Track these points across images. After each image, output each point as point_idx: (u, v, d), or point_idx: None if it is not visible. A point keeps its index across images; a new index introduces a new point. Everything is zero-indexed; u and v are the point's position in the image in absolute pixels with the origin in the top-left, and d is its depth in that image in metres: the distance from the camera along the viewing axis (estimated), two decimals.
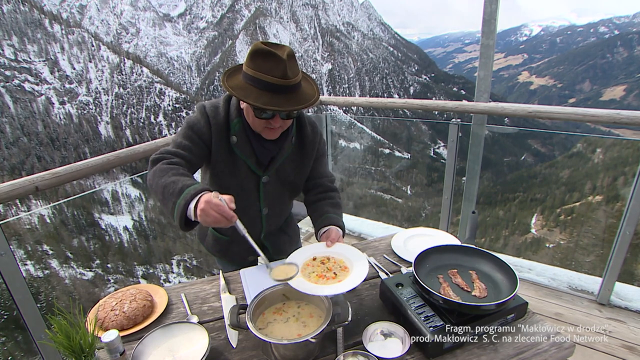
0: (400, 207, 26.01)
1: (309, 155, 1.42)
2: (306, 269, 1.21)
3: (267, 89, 1.13)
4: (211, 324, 1.21)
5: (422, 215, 25.18)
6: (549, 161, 39.00)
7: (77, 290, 27.25)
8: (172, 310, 1.28)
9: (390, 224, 3.42)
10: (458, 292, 1.11)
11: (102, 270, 33.09)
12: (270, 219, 1.49)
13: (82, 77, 76.88)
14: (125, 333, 1.15)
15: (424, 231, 1.66)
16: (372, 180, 27.01)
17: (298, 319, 1.11)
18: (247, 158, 1.32)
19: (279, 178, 1.40)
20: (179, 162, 1.20)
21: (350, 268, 1.19)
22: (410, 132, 31.56)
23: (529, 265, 2.66)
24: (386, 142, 30.43)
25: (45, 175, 1.41)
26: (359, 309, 1.22)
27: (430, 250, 1.24)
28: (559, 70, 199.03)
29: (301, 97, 1.17)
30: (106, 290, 30.04)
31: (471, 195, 2.60)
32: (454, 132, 2.38)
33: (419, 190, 28.99)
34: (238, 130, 1.29)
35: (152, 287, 1.36)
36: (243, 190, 1.37)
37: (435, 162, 29.62)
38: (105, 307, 1.22)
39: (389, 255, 1.51)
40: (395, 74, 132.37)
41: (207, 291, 1.37)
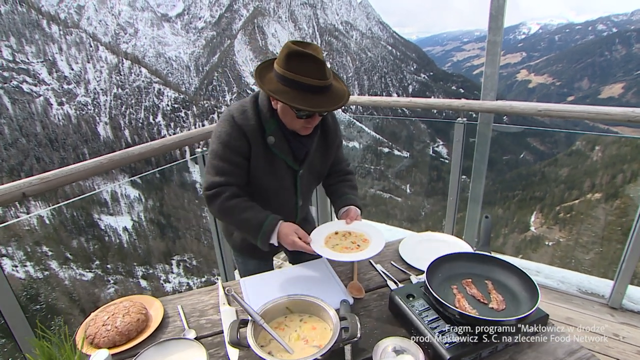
0: (400, 205, 25.96)
1: (332, 144, 1.46)
2: (329, 241, 1.31)
3: (307, 90, 1.15)
4: (210, 339, 1.13)
5: (421, 213, 25.13)
6: (548, 159, 38.97)
7: (77, 292, 27.14)
8: (168, 323, 1.20)
9: (393, 226, 3.34)
10: (474, 304, 1.03)
11: (101, 271, 32.99)
12: (302, 209, 1.54)
13: (80, 78, 76.64)
14: (118, 350, 1.08)
15: (432, 236, 1.58)
16: (371, 179, 26.97)
17: (300, 335, 1.03)
18: (285, 155, 1.34)
19: (310, 169, 1.44)
20: (236, 194, 1.31)
21: (369, 240, 1.30)
22: (410, 131, 31.49)
23: (536, 267, 2.59)
24: (385, 141, 30.37)
25: (33, 180, 1.33)
26: (367, 321, 1.15)
27: (441, 259, 1.16)
28: (558, 68, 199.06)
29: (336, 95, 1.20)
30: (106, 291, 29.95)
31: (477, 196, 2.53)
32: (460, 131, 2.31)
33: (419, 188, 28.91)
34: (274, 130, 1.30)
35: (146, 299, 1.28)
36: (281, 187, 1.41)
37: (435, 161, 29.57)
38: (96, 321, 1.15)
39: (397, 262, 1.44)
40: (394, 73, 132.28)
41: (205, 302, 1.29)
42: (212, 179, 1.30)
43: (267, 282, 1.37)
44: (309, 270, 1.40)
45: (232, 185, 1.31)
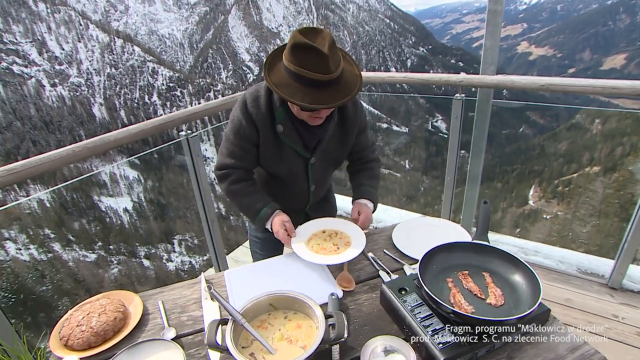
0: (399, 181, 25.92)
1: (351, 131, 1.42)
2: (312, 239, 1.33)
3: (311, 85, 1.11)
4: (190, 337, 1.07)
5: (420, 189, 25.13)
6: (548, 133, 38.70)
7: (81, 273, 27.49)
8: (147, 321, 1.14)
9: (390, 205, 3.27)
10: (470, 299, 0.97)
11: (104, 252, 33.31)
12: (315, 193, 1.52)
13: (72, 58, 74.97)
14: (93, 352, 1.02)
15: (428, 221, 1.51)
16: None
17: (283, 335, 0.97)
18: (294, 144, 1.33)
19: (324, 156, 1.41)
20: (241, 178, 1.38)
21: (351, 244, 1.29)
22: (408, 106, 31.13)
23: (535, 247, 2.53)
24: (384, 117, 30.02)
25: (1, 172, 1.23)
26: (357, 316, 1.08)
27: (436, 249, 1.09)
28: (559, 39, 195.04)
29: (345, 88, 1.15)
30: (110, 271, 30.32)
31: (476, 175, 2.44)
32: (458, 107, 2.20)
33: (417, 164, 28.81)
34: (283, 119, 1.28)
35: (125, 295, 1.22)
36: (292, 173, 1.40)
37: (433, 136, 29.35)
38: (70, 321, 1.08)
39: (390, 249, 1.36)
40: (392, 47, 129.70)
41: (187, 297, 1.22)
42: (223, 160, 1.36)
43: (252, 275, 1.31)
44: (298, 261, 1.33)
45: (240, 168, 1.37)
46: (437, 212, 15.15)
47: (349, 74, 1.18)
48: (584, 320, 1.98)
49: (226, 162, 1.36)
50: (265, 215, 1.34)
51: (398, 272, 1.24)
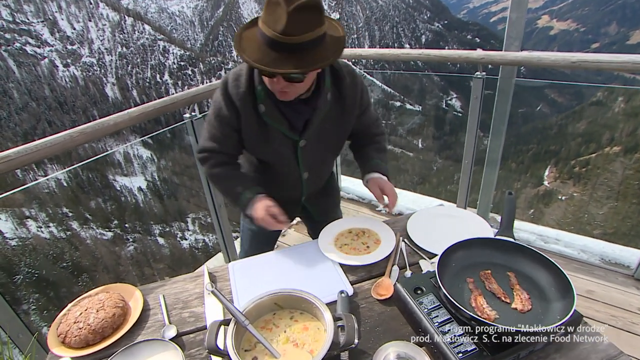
0: (412, 160, 25.55)
1: (351, 111, 1.28)
2: (339, 240, 1.28)
3: (268, 44, 0.99)
4: (192, 335, 1.02)
5: (433, 168, 24.77)
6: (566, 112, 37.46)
7: (99, 250, 28.26)
8: (147, 317, 1.08)
9: (405, 189, 3.15)
10: (493, 303, 0.88)
11: (120, 230, 34.08)
12: (311, 182, 1.40)
13: (83, 38, 74.83)
14: (91, 351, 0.97)
15: (445, 211, 1.41)
16: None
17: (289, 337, 0.90)
18: (279, 125, 1.20)
19: (319, 139, 1.27)
20: (223, 161, 1.28)
21: (381, 241, 1.25)
22: (422, 84, 30.35)
23: (556, 235, 2.42)
24: (397, 95, 29.36)
25: (16, 153, 1.17)
26: (369, 315, 1.01)
27: (456, 245, 1.00)
28: (583, 12, 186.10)
29: (308, 59, 0.99)
30: (126, 249, 31.11)
31: (494, 157, 2.30)
32: (479, 86, 2.05)
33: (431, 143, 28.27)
34: (264, 97, 1.16)
35: (125, 289, 1.16)
36: (280, 157, 1.29)
37: (447, 114, 28.68)
38: (68, 318, 1.03)
39: (405, 240, 1.27)
40: (406, 22, 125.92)
41: (190, 292, 1.17)
42: (203, 144, 1.27)
43: (258, 267, 1.24)
44: (306, 253, 1.26)
45: (221, 152, 1.27)
46: (449, 193, 15.05)
47: (326, 49, 1.02)
48: (607, 314, 1.88)
49: (207, 146, 1.27)
50: (245, 200, 1.23)
51: (413, 266, 1.16)
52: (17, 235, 23.40)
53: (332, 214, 1.62)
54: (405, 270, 1.14)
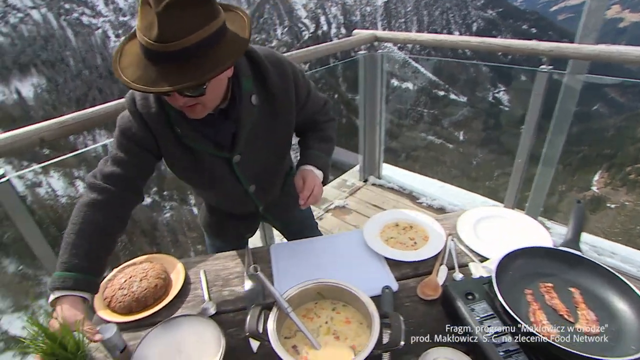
0: (451, 152, 24.72)
1: (286, 109, 1.05)
2: (385, 232, 1.23)
3: (147, 56, 0.78)
4: (231, 315, 1.02)
5: (473, 162, 23.85)
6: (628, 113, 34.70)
7: (138, 215, 29.78)
8: (188, 291, 1.09)
9: (445, 182, 3.03)
10: (554, 320, 0.81)
11: (158, 197, 35.60)
12: (261, 194, 1.21)
13: (134, 10, 77.30)
14: (133, 318, 0.99)
15: (499, 212, 1.32)
16: (423, 124, 25.68)
17: (330, 328, 0.88)
18: (203, 146, 1.00)
19: (255, 149, 1.06)
20: (105, 206, 0.96)
21: (429, 238, 1.19)
22: (469, 74, 28.95)
23: (611, 247, 2.24)
24: (442, 84, 28.31)
25: (52, 124, 1.21)
26: (413, 315, 0.97)
27: (516, 252, 0.93)
28: None
29: (203, 66, 0.77)
30: (163, 215, 32.55)
31: (552, 157, 2.14)
32: (543, 81, 1.89)
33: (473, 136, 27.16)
34: (177, 117, 0.95)
35: (168, 260, 1.18)
36: (217, 180, 1.09)
37: (494, 108, 27.33)
38: (113, 283, 1.06)
39: (455, 239, 1.20)
40: (458, 8, 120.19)
41: (230, 270, 1.17)
42: (102, 168, 0.99)
43: (300, 252, 1.21)
44: (350, 243, 1.22)
45: (119, 184, 0.98)
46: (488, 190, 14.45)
47: (225, 45, 0.80)
48: None
49: (105, 171, 0.97)
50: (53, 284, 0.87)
51: (462, 268, 1.09)
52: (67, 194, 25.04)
53: (293, 216, 1.43)
54: (454, 272, 1.08)
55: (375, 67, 2.56)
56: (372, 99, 2.67)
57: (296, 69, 1.06)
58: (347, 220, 2.76)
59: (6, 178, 1.21)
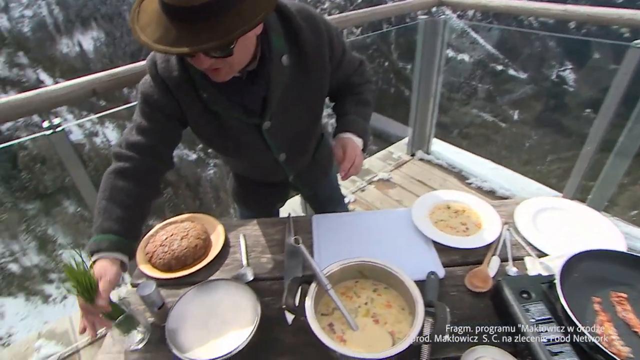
0: (503, 131, 23.21)
1: (319, 69, 0.97)
2: (435, 214, 1.16)
3: (167, 13, 0.70)
4: (268, 283, 1.00)
5: (525, 144, 22.33)
6: None
7: (183, 169, 31.21)
8: (227, 254, 1.09)
9: (499, 164, 2.83)
10: (627, 336, 0.71)
11: (203, 154, 36.95)
12: (292, 162, 1.15)
13: None
14: (172, 276, 1.00)
15: (560, 203, 1.19)
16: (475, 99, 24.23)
17: (369, 310, 0.83)
18: (231, 112, 0.93)
19: (287, 115, 0.99)
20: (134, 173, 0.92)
21: (482, 225, 1.10)
22: (533, 48, 26.52)
23: None
24: (501, 58, 26.27)
25: (103, 76, 1.22)
26: (459, 306, 0.90)
27: (585, 253, 0.82)
28: None
29: (227, 23, 0.69)
30: (207, 171, 33.92)
31: (630, 147, 1.90)
32: (635, 59, 1.64)
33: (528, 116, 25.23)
34: (203, 82, 0.88)
35: (209, 221, 1.18)
36: (245, 147, 1.03)
37: (556, 88, 25.08)
38: (155, 239, 1.08)
39: (511, 229, 1.10)
40: None
41: (270, 237, 1.15)
42: (126, 137, 0.94)
43: (343, 226, 1.17)
44: (397, 221, 1.16)
45: (147, 155, 0.93)
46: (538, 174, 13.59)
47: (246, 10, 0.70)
48: None
49: (131, 140, 0.93)
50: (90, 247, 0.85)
51: (516, 262, 1.00)
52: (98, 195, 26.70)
53: (323, 186, 1.40)
54: (507, 265, 0.99)
55: (436, 34, 2.37)
56: (428, 69, 2.49)
57: (330, 25, 0.97)
58: (389, 194, 2.67)
59: (61, 128, 1.24)
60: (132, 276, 1.05)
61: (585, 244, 0.90)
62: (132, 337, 0.84)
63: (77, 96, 1.18)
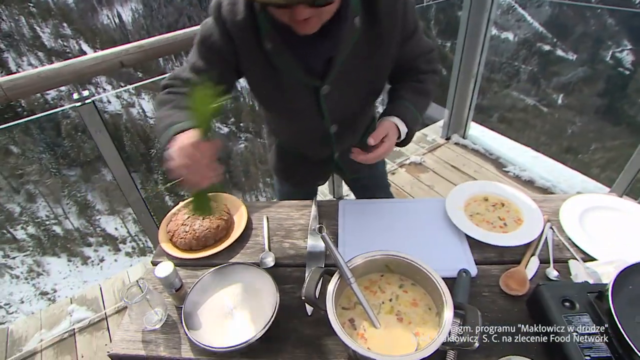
0: (544, 116, 21.89)
1: (389, 38, 0.90)
2: (471, 206, 1.08)
3: None
4: (289, 269, 0.97)
5: (568, 131, 21.03)
6: None
7: None
8: (248, 236, 1.06)
9: (539, 152, 2.65)
10: None
11: (235, 128, 37.41)
12: (342, 137, 1.09)
13: None
14: (192, 256, 0.99)
15: (613, 202, 1.07)
16: (517, 81, 22.88)
17: (394, 308, 0.78)
18: (292, 67, 0.88)
19: (348, 83, 0.93)
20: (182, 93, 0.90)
21: (523, 222, 1.01)
22: (588, 27, 24.44)
23: None
24: (549, 37, 24.48)
25: (130, 49, 1.19)
26: (490, 308, 0.84)
27: None
28: None
29: None
30: (238, 145, 34.38)
31: None
32: None
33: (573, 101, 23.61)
34: (269, 30, 0.84)
35: (232, 201, 1.15)
36: (297, 110, 0.99)
37: (610, 70, 23.20)
38: (177, 219, 1.06)
39: (554, 228, 1.01)
40: None
41: (294, 221, 1.11)
42: (179, 73, 0.93)
43: (372, 213, 1.11)
44: (428, 211, 1.09)
45: None
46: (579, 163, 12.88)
47: None
48: None
49: (180, 75, 0.93)
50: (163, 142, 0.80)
51: (558, 264, 0.92)
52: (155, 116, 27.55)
53: (367, 171, 1.31)
54: (548, 267, 0.90)
55: (483, 9, 2.19)
56: (471, 47, 2.33)
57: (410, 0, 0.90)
58: (421, 178, 2.57)
59: (89, 100, 1.24)
60: (154, 254, 1.04)
61: None
62: (149, 317, 0.83)
63: (105, 68, 1.16)
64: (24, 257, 15.78)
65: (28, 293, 14.53)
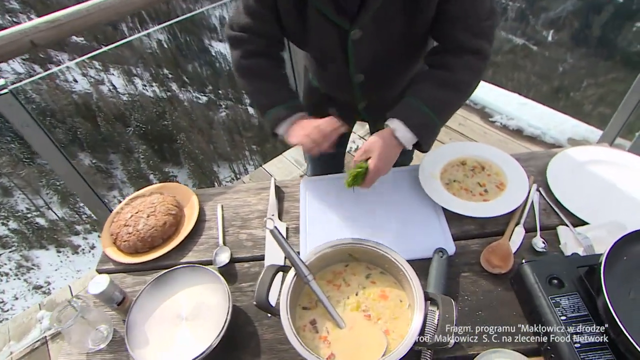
0: (533, 55, 21.20)
1: None
2: (447, 172, 0.97)
3: None
4: (247, 265, 0.87)
5: (559, 69, 20.48)
6: None
7: (195, 113, 30.82)
8: (201, 230, 0.95)
9: (528, 98, 2.51)
10: None
11: (214, 96, 36.13)
12: (368, 89, 0.99)
13: None
14: (138, 260, 0.88)
15: (609, 155, 0.97)
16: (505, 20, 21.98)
17: (360, 303, 0.69)
18: (322, 5, 0.81)
19: (380, 30, 0.84)
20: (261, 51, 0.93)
21: (505, 186, 0.91)
22: None
23: None
24: None
25: (40, 25, 0.98)
26: (471, 291, 0.75)
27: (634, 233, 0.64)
28: None
29: None
30: (219, 114, 33.36)
31: None
32: None
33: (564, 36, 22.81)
34: None
35: (182, 191, 1.03)
36: (323, 53, 0.94)
37: (605, 5, 22.34)
38: (119, 219, 0.94)
39: (541, 190, 0.91)
40: None
41: (252, 208, 0.99)
42: (238, 18, 0.91)
43: (336, 190, 0.99)
44: (399, 184, 0.98)
45: (260, 35, 0.91)
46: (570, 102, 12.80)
47: None
48: None
49: (241, 22, 0.90)
50: (273, 117, 0.90)
51: (547, 232, 0.82)
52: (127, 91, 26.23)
53: None
54: (535, 236, 0.81)
55: None
56: None
57: None
58: None
59: (6, 90, 1.06)
60: (98, 262, 0.93)
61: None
62: (95, 336, 0.73)
63: (11, 50, 0.97)
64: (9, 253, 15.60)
65: (21, 289, 14.50)
